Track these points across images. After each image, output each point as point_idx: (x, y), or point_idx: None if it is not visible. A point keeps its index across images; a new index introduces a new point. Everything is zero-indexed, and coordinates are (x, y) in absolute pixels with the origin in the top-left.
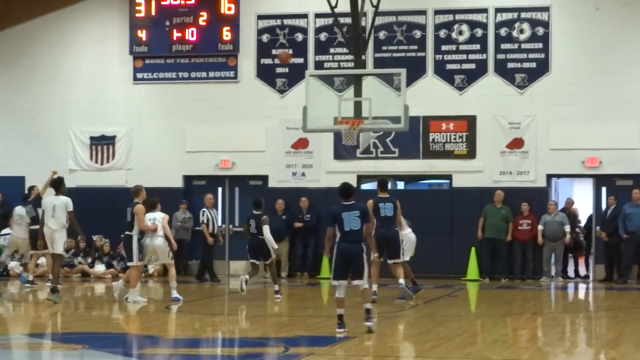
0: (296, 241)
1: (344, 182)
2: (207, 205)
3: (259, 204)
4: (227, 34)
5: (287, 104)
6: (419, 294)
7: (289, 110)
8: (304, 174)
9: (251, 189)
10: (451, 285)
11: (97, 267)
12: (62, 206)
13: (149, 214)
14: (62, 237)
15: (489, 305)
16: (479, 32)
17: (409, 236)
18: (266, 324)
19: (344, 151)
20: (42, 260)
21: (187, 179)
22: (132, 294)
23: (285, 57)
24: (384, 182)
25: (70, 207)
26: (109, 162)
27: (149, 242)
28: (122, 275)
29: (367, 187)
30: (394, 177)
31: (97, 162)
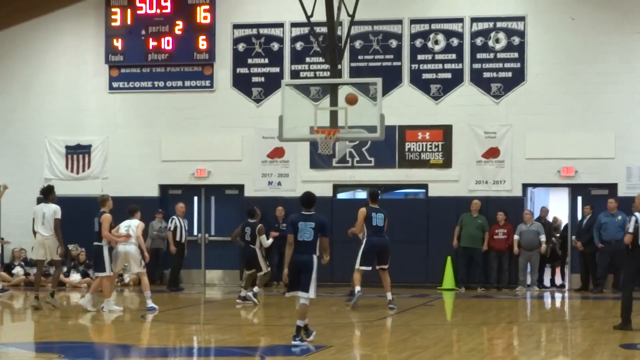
0: (272, 250)
1: (306, 191)
2: (178, 213)
3: (253, 213)
4: (202, 43)
5: (263, 113)
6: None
7: (265, 119)
8: (280, 183)
9: (227, 198)
10: (427, 294)
11: (73, 276)
12: (52, 213)
13: (126, 222)
14: (55, 243)
15: (465, 314)
16: (455, 42)
17: None
18: (242, 333)
19: (320, 160)
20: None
21: (163, 188)
22: (108, 304)
23: (351, 99)
24: (375, 194)
25: (58, 214)
26: (84, 171)
27: (122, 248)
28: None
29: (343, 196)
30: (369, 187)
31: (72, 171)
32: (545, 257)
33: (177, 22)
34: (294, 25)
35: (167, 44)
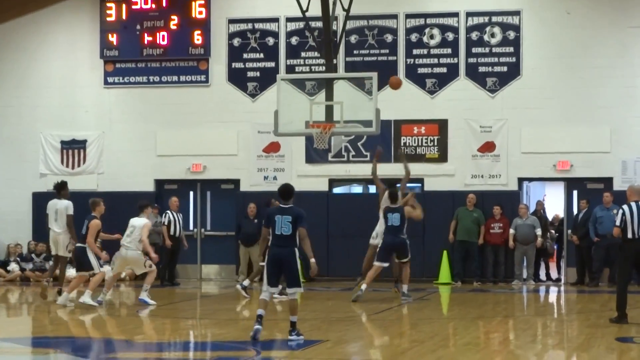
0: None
1: (285, 183)
2: (172, 208)
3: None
4: (198, 38)
5: (259, 108)
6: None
7: (260, 114)
8: (275, 178)
9: (223, 193)
10: (423, 288)
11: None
12: (64, 209)
13: (132, 220)
14: (66, 240)
15: (461, 308)
16: (450, 36)
17: None
18: (238, 327)
19: (315, 155)
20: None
21: (159, 183)
22: (86, 295)
23: (396, 83)
24: (394, 194)
25: (70, 210)
26: (80, 166)
27: (123, 252)
28: (83, 283)
29: (338, 190)
30: (365, 181)
31: (68, 166)
32: (540, 251)
33: (172, 17)
34: (289, 20)
35: (162, 39)
